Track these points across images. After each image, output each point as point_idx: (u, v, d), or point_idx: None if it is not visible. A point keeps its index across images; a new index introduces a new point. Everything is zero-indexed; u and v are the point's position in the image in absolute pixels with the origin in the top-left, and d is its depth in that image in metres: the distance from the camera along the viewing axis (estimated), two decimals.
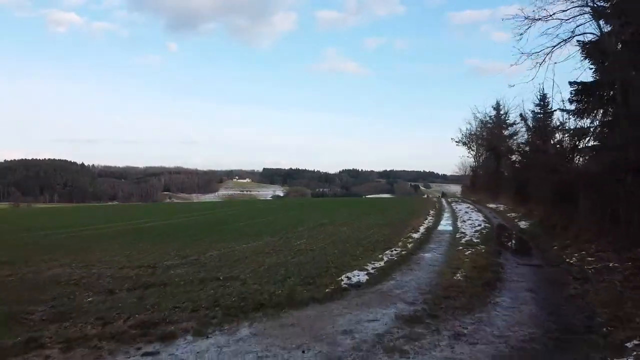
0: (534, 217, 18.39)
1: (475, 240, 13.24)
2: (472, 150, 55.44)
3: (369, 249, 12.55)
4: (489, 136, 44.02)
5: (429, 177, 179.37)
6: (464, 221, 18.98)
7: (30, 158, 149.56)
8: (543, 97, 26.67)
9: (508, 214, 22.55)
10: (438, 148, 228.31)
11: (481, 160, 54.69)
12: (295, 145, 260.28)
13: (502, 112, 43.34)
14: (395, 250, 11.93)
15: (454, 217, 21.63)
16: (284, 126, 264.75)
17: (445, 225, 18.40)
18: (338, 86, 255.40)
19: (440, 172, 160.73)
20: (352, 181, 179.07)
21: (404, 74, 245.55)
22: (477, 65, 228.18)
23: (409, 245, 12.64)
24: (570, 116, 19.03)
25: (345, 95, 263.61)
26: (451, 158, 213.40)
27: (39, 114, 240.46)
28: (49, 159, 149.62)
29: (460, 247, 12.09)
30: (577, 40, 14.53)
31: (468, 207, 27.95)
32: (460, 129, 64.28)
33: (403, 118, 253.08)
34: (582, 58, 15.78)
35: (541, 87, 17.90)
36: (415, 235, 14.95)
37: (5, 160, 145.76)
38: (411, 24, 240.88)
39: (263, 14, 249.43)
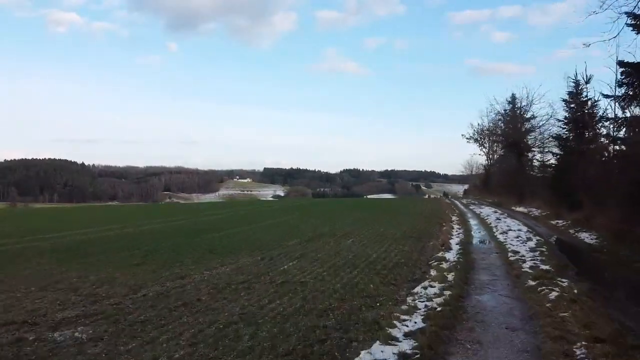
0: (595, 228, 14.14)
1: (543, 267, 8.99)
2: (485, 147, 51.45)
3: (388, 281, 8.43)
4: (509, 130, 39.69)
5: (430, 177, 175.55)
6: (505, 232, 14.64)
7: (30, 158, 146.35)
8: (574, 83, 22.76)
9: (551, 222, 18.25)
10: (439, 148, 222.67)
11: (495, 158, 50.56)
12: (295, 145, 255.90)
13: (522, 104, 39.04)
14: (431, 285, 7.73)
15: (486, 226, 17.38)
16: (284, 126, 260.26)
17: (480, 237, 14.14)
18: (338, 86, 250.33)
19: (442, 172, 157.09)
20: (353, 181, 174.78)
21: (404, 74, 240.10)
22: (477, 65, 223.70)
23: (448, 276, 8.44)
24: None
25: (345, 95, 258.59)
26: (453, 157, 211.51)
27: (39, 114, 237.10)
28: (49, 159, 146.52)
29: (531, 282, 7.85)
30: None
31: (495, 212, 23.43)
32: (471, 125, 60.29)
33: (403, 118, 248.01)
34: None
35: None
36: (449, 256, 10.73)
37: (5, 160, 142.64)
38: (411, 24, 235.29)
39: (263, 14, 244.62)
